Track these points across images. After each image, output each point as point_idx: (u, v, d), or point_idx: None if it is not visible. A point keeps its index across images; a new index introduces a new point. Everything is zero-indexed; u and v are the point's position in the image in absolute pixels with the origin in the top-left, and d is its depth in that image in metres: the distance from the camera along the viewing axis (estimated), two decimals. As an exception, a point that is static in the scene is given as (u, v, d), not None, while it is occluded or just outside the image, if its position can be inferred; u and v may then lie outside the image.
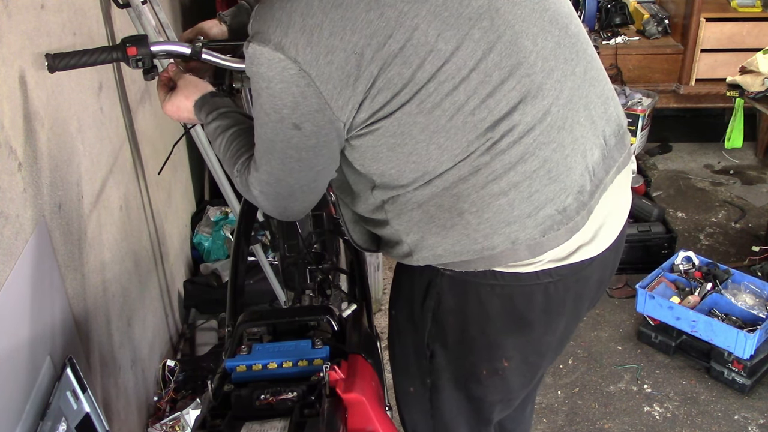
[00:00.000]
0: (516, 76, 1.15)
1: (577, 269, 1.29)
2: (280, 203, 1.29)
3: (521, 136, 1.16)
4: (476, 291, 1.28)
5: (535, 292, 1.28)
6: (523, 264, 1.24)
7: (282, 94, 1.12)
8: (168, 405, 2.32)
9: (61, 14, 1.75)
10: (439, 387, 1.42)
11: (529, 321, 1.31)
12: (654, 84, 3.96)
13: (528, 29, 1.17)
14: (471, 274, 1.26)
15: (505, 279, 1.26)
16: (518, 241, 1.21)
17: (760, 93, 2.87)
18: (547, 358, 1.43)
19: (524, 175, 1.18)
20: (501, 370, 1.37)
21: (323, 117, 1.14)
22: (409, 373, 1.47)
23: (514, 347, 1.35)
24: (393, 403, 1.65)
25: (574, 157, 1.22)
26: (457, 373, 1.40)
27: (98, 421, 1.54)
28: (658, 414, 2.50)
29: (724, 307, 2.62)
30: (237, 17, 1.63)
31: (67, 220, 1.71)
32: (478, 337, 1.33)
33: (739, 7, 3.85)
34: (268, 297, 2.67)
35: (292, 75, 1.10)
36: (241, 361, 1.25)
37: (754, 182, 3.86)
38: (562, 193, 1.21)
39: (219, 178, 2.51)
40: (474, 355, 1.36)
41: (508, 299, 1.28)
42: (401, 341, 1.47)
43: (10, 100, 1.44)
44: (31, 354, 1.45)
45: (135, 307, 2.23)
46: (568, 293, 1.31)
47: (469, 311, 1.31)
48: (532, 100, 1.16)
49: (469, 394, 1.43)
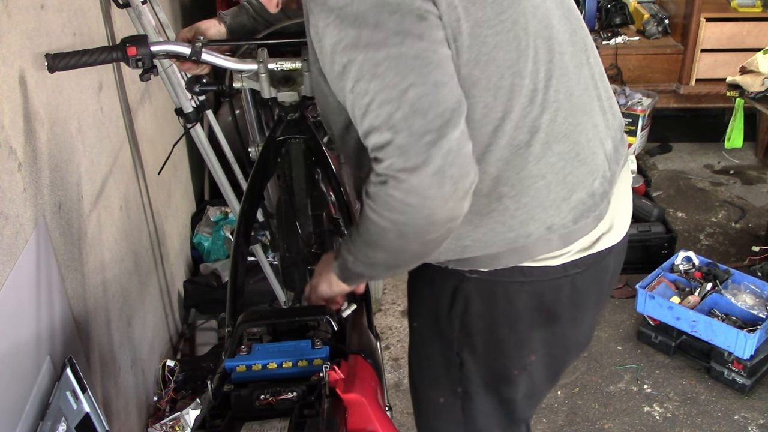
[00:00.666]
0: (551, 50, 1.16)
1: (599, 258, 1.30)
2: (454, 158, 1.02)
3: (555, 114, 1.16)
4: (505, 291, 1.27)
5: (563, 285, 1.28)
6: (553, 256, 1.24)
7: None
8: (168, 405, 2.32)
9: (61, 14, 1.75)
10: (470, 394, 1.40)
11: (557, 314, 1.31)
12: (654, 84, 3.96)
13: (555, 11, 1.19)
14: (499, 274, 1.24)
15: (533, 275, 1.25)
16: (553, 227, 1.20)
17: (760, 93, 2.87)
18: (572, 352, 1.44)
19: (559, 156, 1.18)
20: (529, 365, 1.36)
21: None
22: (437, 383, 1.43)
23: (541, 341, 1.34)
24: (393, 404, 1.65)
25: (596, 143, 1.23)
26: (487, 378, 1.38)
27: (98, 421, 1.54)
28: (658, 414, 2.50)
29: (724, 307, 2.62)
30: (237, 17, 1.63)
31: (67, 220, 1.71)
32: (507, 337, 1.32)
33: (739, 7, 3.85)
34: (268, 297, 2.67)
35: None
36: (240, 361, 1.25)
37: (754, 182, 3.86)
38: (590, 177, 1.22)
39: (219, 178, 2.50)
40: (504, 357, 1.35)
41: (537, 295, 1.28)
42: (427, 352, 1.43)
43: (10, 100, 1.44)
44: (31, 354, 1.45)
45: (135, 307, 2.23)
46: (593, 283, 1.32)
47: (497, 312, 1.30)
48: (561, 78, 1.17)
49: (501, 397, 1.41)
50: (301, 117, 1.62)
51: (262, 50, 1.54)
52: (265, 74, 1.54)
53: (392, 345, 2.80)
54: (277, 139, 1.63)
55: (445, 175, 1.00)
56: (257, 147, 1.90)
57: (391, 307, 3.01)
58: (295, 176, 1.64)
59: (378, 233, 1.09)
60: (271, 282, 2.57)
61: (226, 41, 1.61)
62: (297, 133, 1.62)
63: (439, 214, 1.04)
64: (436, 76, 1.01)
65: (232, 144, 2.64)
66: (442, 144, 0.99)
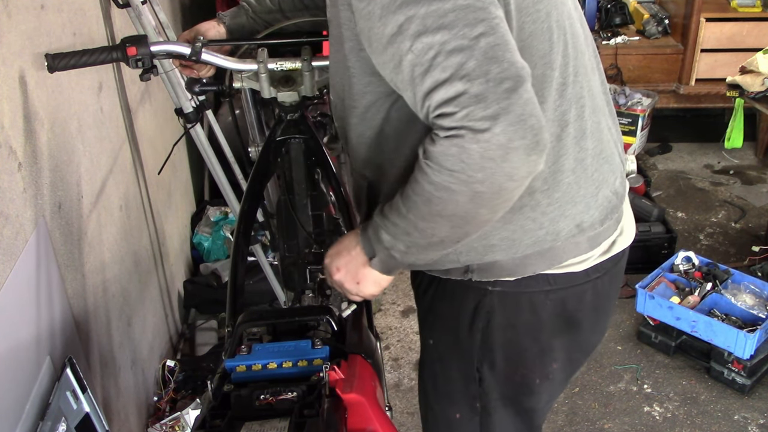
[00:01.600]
0: (576, 47, 1.17)
1: (615, 261, 1.30)
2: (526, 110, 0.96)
3: (582, 110, 1.17)
4: (529, 301, 1.26)
5: (586, 291, 1.27)
6: (579, 261, 1.23)
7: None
8: (168, 405, 2.32)
9: (61, 14, 1.75)
10: (489, 409, 1.39)
11: (579, 321, 1.31)
12: (654, 84, 3.96)
13: (574, 12, 1.20)
14: (523, 284, 1.23)
15: (557, 283, 1.24)
16: (583, 225, 1.20)
17: (760, 93, 2.87)
18: (588, 354, 1.43)
19: (586, 152, 1.18)
20: (551, 374, 1.35)
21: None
22: (454, 399, 1.41)
23: (562, 348, 1.33)
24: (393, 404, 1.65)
25: (611, 144, 1.25)
26: (507, 391, 1.37)
27: (98, 421, 1.54)
28: (658, 414, 2.50)
29: (724, 307, 2.62)
30: (236, 18, 1.63)
31: (67, 220, 1.71)
32: (530, 348, 1.31)
33: (739, 7, 3.85)
34: (268, 297, 2.68)
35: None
36: (240, 361, 1.25)
37: (754, 182, 3.86)
38: (612, 175, 1.23)
39: (219, 178, 2.51)
40: (526, 367, 1.34)
41: (561, 303, 1.27)
42: (444, 368, 1.40)
43: (10, 100, 1.44)
44: (31, 354, 1.45)
45: (135, 307, 2.23)
46: (612, 287, 1.33)
47: (520, 323, 1.28)
48: (584, 75, 1.18)
49: (521, 408, 1.39)
50: (301, 117, 1.62)
51: (262, 50, 1.54)
52: (265, 74, 1.54)
53: (392, 345, 2.80)
54: (277, 139, 1.63)
55: (526, 124, 0.94)
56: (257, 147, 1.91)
57: (391, 307, 3.01)
58: (295, 176, 1.64)
59: (444, 199, 1.00)
60: (271, 282, 2.57)
61: (226, 41, 1.61)
62: (297, 133, 1.62)
63: (521, 169, 0.96)
64: (504, 31, 0.97)
65: (232, 144, 2.64)
66: (521, 92, 0.94)
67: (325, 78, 1.58)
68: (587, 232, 1.21)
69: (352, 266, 1.21)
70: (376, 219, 1.14)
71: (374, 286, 1.23)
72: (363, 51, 1.07)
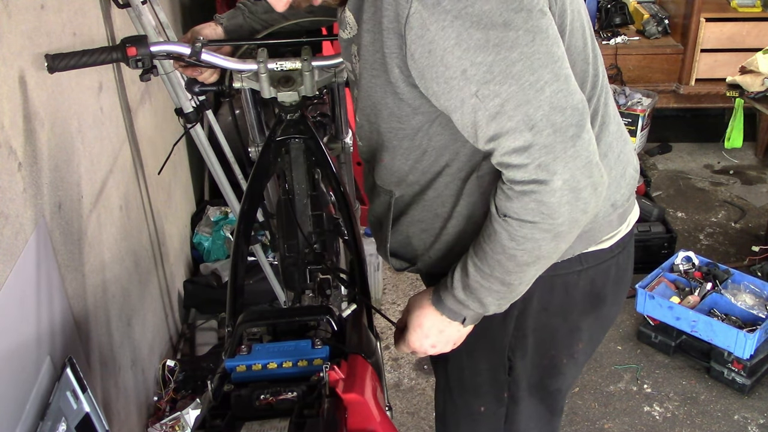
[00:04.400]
0: (593, 37, 1.21)
1: (631, 235, 1.35)
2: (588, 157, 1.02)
3: (607, 98, 1.22)
4: (563, 283, 1.29)
5: (611, 266, 1.31)
6: (609, 237, 1.28)
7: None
8: (168, 405, 2.32)
9: (61, 14, 1.75)
10: (517, 398, 1.40)
11: (604, 297, 1.34)
12: (654, 84, 3.97)
13: (582, 3, 1.23)
14: (558, 267, 1.24)
15: (588, 261, 1.28)
16: (616, 204, 1.25)
17: (759, 93, 2.88)
18: (606, 331, 1.46)
19: (612, 136, 1.23)
20: (576, 353, 1.38)
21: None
22: (479, 392, 1.42)
23: (588, 326, 1.37)
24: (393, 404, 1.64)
25: (623, 123, 1.31)
26: (534, 378, 1.39)
27: (98, 421, 1.54)
28: (658, 414, 2.50)
29: (723, 307, 2.62)
30: (233, 20, 1.63)
31: (67, 220, 1.71)
32: (561, 328, 1.34)
33: (739, 7, 3.85)
34: (268, 297, 2.68)
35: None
36: (240, 361, 1.25)
37: (754, 182, 3.86)
38: (632, 155, 1.30)
39: (219, 178, 2.51)
40: (556, 348, 1.36)
41: (591, 281, 1.30)
42: (472, 361, 1.40)
43: (10, 100, 1.44)
44: (31, 354, 1.45)
45: (135, 307, 2.23)
46: (629, 260, 1.38)
47: (553, 305, 1.31)
48: (602, 63, 1.23)
49: (545, 393, 1.42)
50: (301, 117, 1.62)
51: (262, 50, 1.54)
52: (265, 74, 1.54)
53: (392, 345, 2.80)
54: (277, 139, 1.63)
55: (592, 164, 1.01)
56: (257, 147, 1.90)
57: (391, 307, 3.01)
58: (295, 176, 1.64)
59: (528, 249, 1.07)
60: (271, 282, 2.57)
61: (226, 41, 1.61)
62: (297, 134, 1.62)
63: (591, 203, 1.03)
64: (566, 71, 1.00)
65: (232, 144, 2.64)
66: (584, 135, 1.00)
67: (325, 78, 1.57)
68: (618, 209, 1.27)
69: (446, 337, 1.25)
70: (453, 291, 1.18)
71: (449, 343, 1.27)
72: (411, 78, 1.07)
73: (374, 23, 1.05)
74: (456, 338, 1.26)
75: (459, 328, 1.24)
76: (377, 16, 1.04)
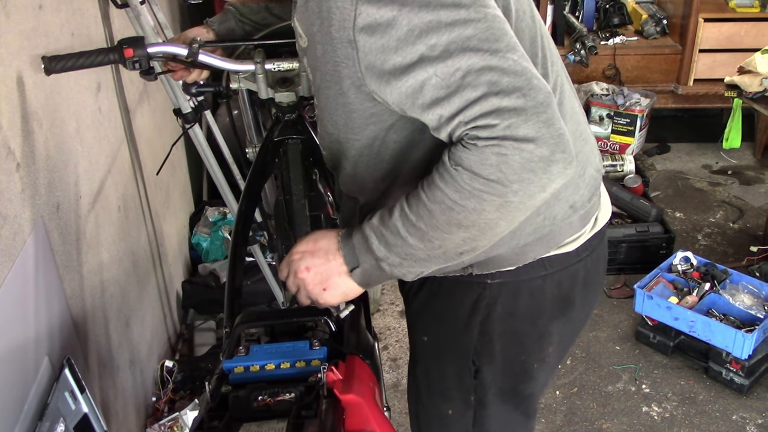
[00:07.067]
0: (544, 38, 1.20)
1: (600, 236, 1.34)
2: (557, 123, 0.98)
3: (561, 97, 1.21)
4: (528, 288, 1.28)
5: (578, 270, 1.31)
6: (572, 240, 1.27)
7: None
8: (166, 405, 2.32)
9: (60, 14, 1.75)
10: (484, 402, 1.39)
11: (572, 300, 1.34)
12: (652, 84, 3.97)
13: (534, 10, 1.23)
14: (522, 272, 1.24)
15: (553, 265, 1.27)
16: (575, 206, 1.24)
17: (758, 93, 2.88)
18: (578, 334, 1.46)
19: (570, 135, 1.17)
20: (547, 357, 1.38)
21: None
22: (447, 395, 1.41)
23: (558, 330, 1.36)
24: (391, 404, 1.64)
25: (584, 123, 1.30)
26: (504, 382, 1.38)
27: (96, 422, 1.54)
28: (657, 414, 2.50)
29: (722, 307, 2.62)
30: (224, 23, 1.62)
31: (66, 220, 1.71)
32: (529, 333, 1.33)
33: (737, 7, 3.85)
34: (266, 298, 2.68)
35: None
36: (238, 362, 1.25)
37: (752, 182, 3.87)
38: (592, 155, 1.29)
39: (217, 179, 2.51)
40: (525, 353, 1.35)
41: (557, 285, 1.30)
42: (438, 364, 1.40)
43: (8, 101, 1.44)
44: (29, 354, 1.45)
45: (133, 308, 2.23)
46: (600, 262, 1.37)
47: (519, 311, 1.30)
48: (557, 64, 1.22)
49: (519, 397, 1.41)
50: (299, 117, 1.62)
51: (258, 51, 1.54)
52: (262, 75, 1.54)
53: (390, 345, 2.80)
54: (274, 140, 1.63)
55: (564, 138, 0.97)
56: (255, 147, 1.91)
57: (389, 308, 3.01)
58: (292, 177, 1.64)
59: (469, 208, 0.99)
60: (269, 282, 2.57)
61: (223, 42, 1.61)
62: (294, 134, 1.62)
63: (557, 180, 0.98)
64: (521, 49, 0.99)
65: (231, 144, 2.64)
66: (553, 105, 0.97)
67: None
68: (579, 211, 1.26)
69: (325, 271, 1.16)
70: (367, 228, 1.10)
71: (339, 297, 1.18)
72: (364, 86, 1.06)
73: (323, 35, 1.04)
74: (329, 283, 1.15)
75: (342, 272, 1.14)
76: (324, 27, 1.03)
